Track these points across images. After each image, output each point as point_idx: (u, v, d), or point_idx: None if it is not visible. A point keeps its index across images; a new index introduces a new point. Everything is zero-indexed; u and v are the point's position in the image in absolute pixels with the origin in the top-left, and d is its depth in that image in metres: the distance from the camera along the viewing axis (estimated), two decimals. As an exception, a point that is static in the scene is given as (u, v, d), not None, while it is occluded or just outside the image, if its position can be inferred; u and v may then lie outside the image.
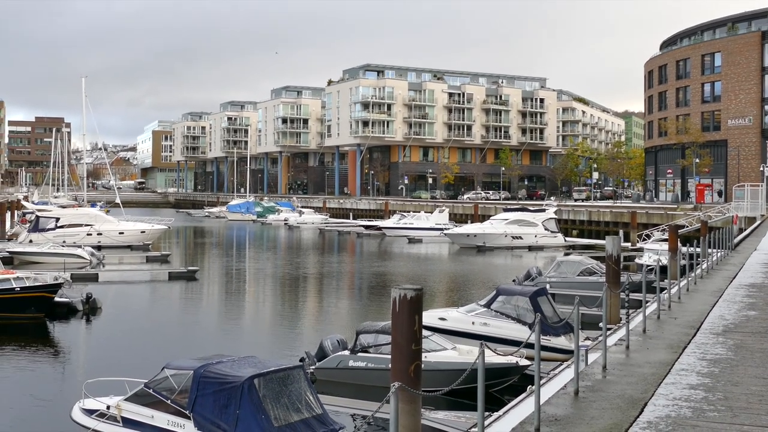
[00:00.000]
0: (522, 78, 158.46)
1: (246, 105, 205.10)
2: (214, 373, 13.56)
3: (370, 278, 48.96)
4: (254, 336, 30.71)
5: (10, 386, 22.53)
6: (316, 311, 37.77)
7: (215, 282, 47.97)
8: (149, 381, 14.70)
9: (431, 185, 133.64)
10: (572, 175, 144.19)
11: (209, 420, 13.21)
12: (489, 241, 67.83)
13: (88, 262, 50.05)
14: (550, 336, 21.84)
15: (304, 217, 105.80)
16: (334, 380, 20.37)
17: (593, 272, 34.59)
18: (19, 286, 31.41)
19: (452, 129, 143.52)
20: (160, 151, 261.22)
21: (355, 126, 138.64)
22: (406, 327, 11.26)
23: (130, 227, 66.18)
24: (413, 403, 11.18)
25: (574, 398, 12.82)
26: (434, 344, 20.24)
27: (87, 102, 78.63)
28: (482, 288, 40.77)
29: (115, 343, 28.54)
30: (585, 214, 76.35)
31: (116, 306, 36.08)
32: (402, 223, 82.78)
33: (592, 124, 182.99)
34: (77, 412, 15.63)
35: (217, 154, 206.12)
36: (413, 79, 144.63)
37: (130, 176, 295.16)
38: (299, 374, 13.96)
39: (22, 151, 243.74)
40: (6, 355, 26.49)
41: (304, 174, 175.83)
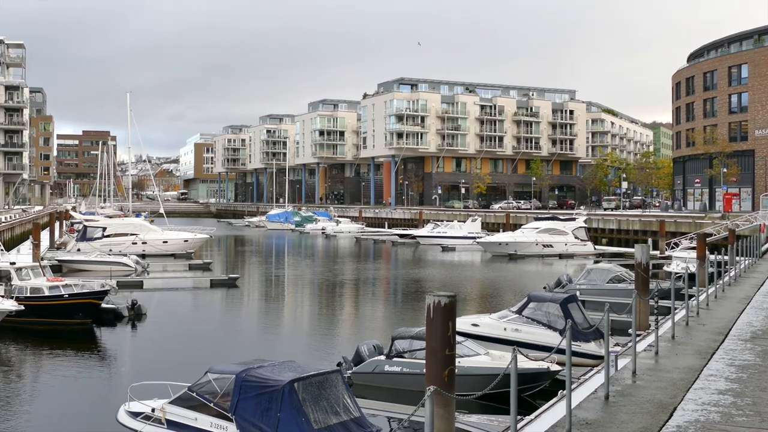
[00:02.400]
0: (552, 90, 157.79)
1: (284, 118, 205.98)
2: (256, 377, 13.64)
3: (405, 285, 48.94)
4: (293, 341, 30.81)
5: (59, 389, 22.79)
6: (353, 317, 37.81)
7: (255, 289, 48.18)
8: (192, 385, 14.80)
9: (464, 195, 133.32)
10: (602, 184, 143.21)
11: (251, 422, 13.28)
12: (520, 249, 67.56)
13: (134, 270, 50.47)
14: (581, 342, 21.71)
15: (340, 226, 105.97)
16: (371, 384, 20.39)
17: (622, 279, 34.36)
18: (67, 293, 31.80)
19: (484, 140, 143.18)
20: (201, 162, 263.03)
21: (390, 138, 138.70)
22: (440, 333, 11.29)
23: (173, 236, 66.63)
24: (447, 407, 11.20)
25: (604, 403, 12.77)
26: (467, 350, 20.21)
27: (132, 116, 79.54)
28: (514, 295, 40.63)
29: (158, 348, 28.78)
30: (614, 222, 75.77)
31: (160, 312, 36.35)
32: (435, 232, 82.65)
33: (621, 135, 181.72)
34: (123, 415, 15.76)
35: (256, 166, 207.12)
36: (446, 92, 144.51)
37: (173, 187, 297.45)
38: (337, 378, 14.01)
39: (70, 164, 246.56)
40: (55, 359, 26.83)
41: (340, 184, 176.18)
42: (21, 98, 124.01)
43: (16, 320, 29.40)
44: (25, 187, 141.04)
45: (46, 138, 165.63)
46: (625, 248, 67.34)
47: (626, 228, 73.33)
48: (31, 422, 19.05)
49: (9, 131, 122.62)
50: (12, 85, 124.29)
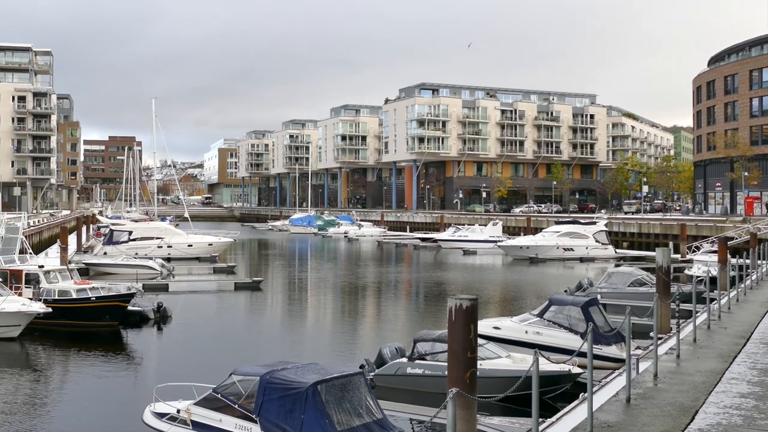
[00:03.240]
0: (572, 95, 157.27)
1: (307, 123, 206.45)
2: (280, 379, 13.67)
3: (427, 288, 48.90)
4: (316, 343, 30.85)
5: (86, 389, 22.95)
6: (375, 320, 37.82)
7: (279, 292, 48.29)
8: (217, 386, 14.86)
9: (485, 199, 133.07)
10: (622, 188, 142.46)
11: (275, 424, 13.31)
12: (541, 252, 67.36)
13: (159, 273, 50.72)
14: (602, 345, 21.61)
15: (363, 230, 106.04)
16: (393, 386, 20.38)
17: (643, 283, 34.15)
18: (94, 296, 32.02)
19: (505, 145, 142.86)
20: (225, 167, 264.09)
21: (411, 142, 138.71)
22: (462, 335, 11.27)
23: (198, 240, 66.96)
24: (469, 409, 11.18)
25: (625, 405, 12.71)
26: (489, 352, 20.18)
27: (157, 122, 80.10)
28: (535, 298, 40.50)
29: (184, 350, 28.91)
30: (635, 226, 75.39)
31: (185, 314, 36.50)
32: (457, 236, 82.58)
33: (642, 139, 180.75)
34: (149, 416, 15.85)
35: (279, 170, 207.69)
36: (467, 97, 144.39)
37: (197, 192, 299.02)
38: (360, 380, 14.02)
39: (97, 169, 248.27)
40: (82, 360, 27.02)
41: (362, 189, 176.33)
42: (49, 105, 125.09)
43: (44, 322, 29.66)
44: (52, 191, 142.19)
45: (73, 144, 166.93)
46: (646, 252, 66.98)
47: (647, 232, 72.95)
48: (58, 422, 19.18)
49: (37, 137, 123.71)
50: (40, 91, 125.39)
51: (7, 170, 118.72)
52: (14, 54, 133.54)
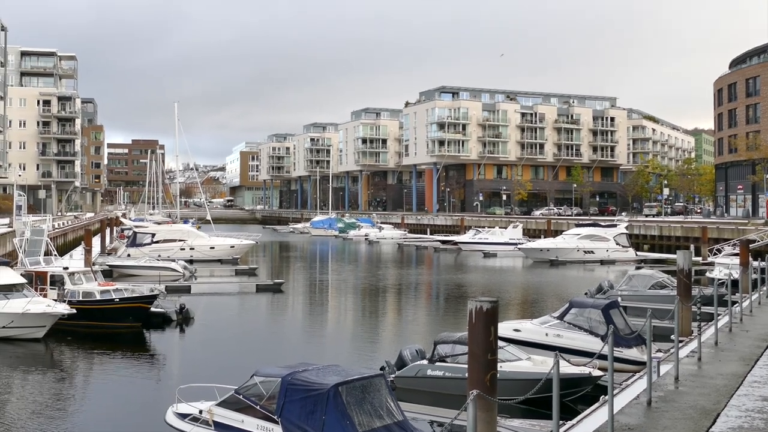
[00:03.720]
0: (592, 98, 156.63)
1: (328, 126, 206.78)
2: (301, 380, 13.69)
3: (447, 290, 48.84)
4: (337, 345, 30.88)
5: (109, 390, 23.08)
6: (396, 322, 37.81)
7: (300, 294, 48.38)
8: (239, 387, 14.89)
9: (505, 202, 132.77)
10: (643, 191, 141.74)
11: (296, 425, 13.33)
12: (561, 255, 67.11)
13: (182, 275, 50.95)
14: (622, 347, 21.47)
15: (383, 232, 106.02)
16: (413, 388, 20.37)
17: (664, 286, 33.91)
18: (118, 297, 32.21)
19: (525, 147, 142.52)
20: (247, 170, 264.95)
21: (432, 145, 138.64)
22: (482, 338, 11.24)
23: (220, 242, 67.18)
24: (490, 411, 11.14)
25: (646, 408, 12.64)
26: (509, 354, 20.11)
27: (179, 125, 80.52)
28: (555, 301, 40.34)
29: (206, 351, 29.01)
30: (656, 229, 74.97)
31: (207, 316, 36.62)
32: (477, 238, 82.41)
33: (662, 142, 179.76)
34: (171, 416, 15.90)
35: (300, 173, 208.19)
36: (487, 100, 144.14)
37: (219, 194, 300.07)
38: (381, 382, 14.02)
39: (120, 172, 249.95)
40: (106, 361, 27.18)
41: (383, 191, 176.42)
42: (73, 108, 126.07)
43: (68, 323, 29.86)
44: (77, 194, 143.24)
45: (97, 147, 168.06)
46: (667, 254, 66.58)
47: (668, 234, 72.53)
48: (82, 421, 19.30)
49: (62, 140, 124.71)
50: (64, 95, 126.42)
51: (32, 173, 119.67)
52: (39, 59, 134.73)
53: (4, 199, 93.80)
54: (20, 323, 28.83)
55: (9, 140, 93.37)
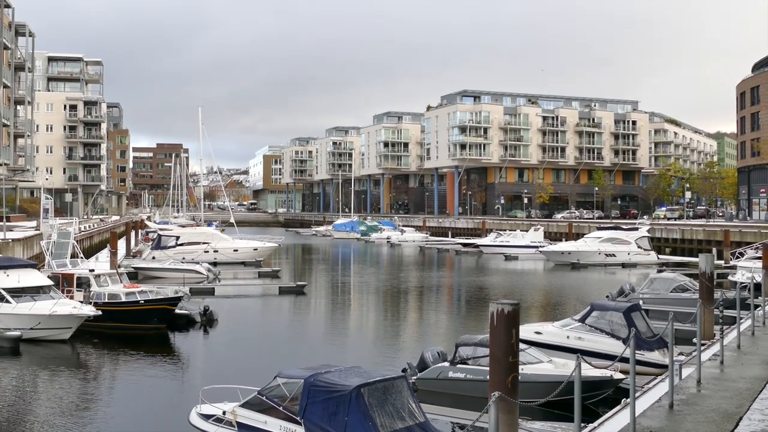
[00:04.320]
0: (614, 101, 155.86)
1: (350, 130, 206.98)
2: (324, 382, 13.71)
3: (468, 293, 48.75)
4: (359, 347, 30.90)
5: (134, 390, 23.22)
6: (417, 324, 37.79)
7: (322, 296, 48.45)
8: (262, 389, 14.93)
9: (526, 205, 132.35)
10: (665, 194, 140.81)
11: (319, 426, 13.35)
12: (583, 258, 66.79)
13: (206, 277, 51.18)
14: (644, 350, 21.33)
15: (405, 235, 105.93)
16: (435, 390, 20.35)
17: (686, 289, 33.65)
18: (143, 299, 32.42)
19: (546, 151, 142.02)
20: (270, 174, 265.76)
21: (453, 149, 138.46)
22: (504, 340, 11.23)
23: (243, 245, 67.38)
24: (511, 413, 11.12)
25: (668, 411, 12.56)
26: (530, 357, 20.04)
27: (203, 129, 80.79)
28: (576, 303, 40.17)
29: (229, 353, 29.12)
30: (678, 232, 74.46)
31: (231, 318, 36.75)
32: (498, 241, 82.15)
33: (684, 145, 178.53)
34: (195, 417, 15.96)
35: (323, 177, 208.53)
36: (508, 104, 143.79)
37: (243, 198, 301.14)
38: (402, 384, 14.01)
39: (145, 175, 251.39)
40: (131, 362, 27.34)
41: (404, 195, 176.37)
42: (99, 113, 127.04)
43: (94, 325, 30.08)
44: (102, 197, 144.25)
45: (122, 151, 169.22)
46: (689, 258, 66.10)
47: (690, 238, 72.02)
48: (107, 422, 19.42)
49: (88, 144, 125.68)
50: (90, 100, 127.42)
51: (59, 177, 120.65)
52: (66, 64, 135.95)
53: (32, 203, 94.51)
54: (47, 325, 29.07)
55: (36, 144, 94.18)
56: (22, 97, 72.77)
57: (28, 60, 70.49)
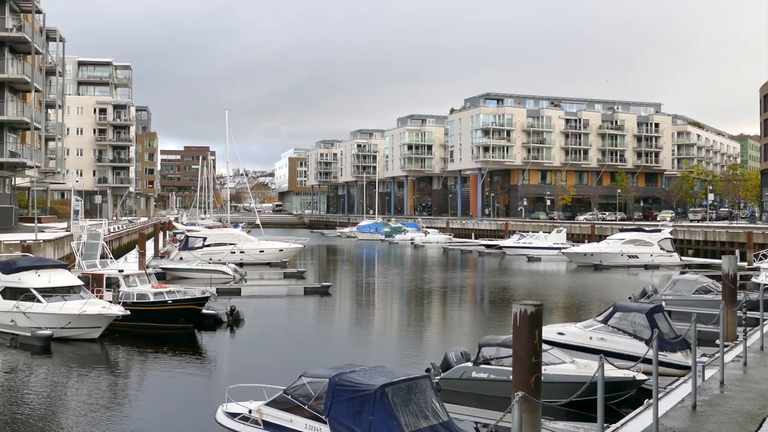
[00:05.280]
0: (637, 104, 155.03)
1: (374, 133, 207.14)
2: (349, 381, 13.72)
3: (492, 294, 48.63)
4: (383, 347, 30.90)
5: (162, 388, 23.37)
6: (441, 324, 37.74)
7: (347, 296, 48.50)
8: (288, 388, 14.95)
9: (549, 207, 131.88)
10: (687, 196, 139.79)
11: (344, 425, 13.36)
12: (605, 259, 66.43)
13: (232, 278, 51.39)
14: (667, 351, 21.18)
15: (429, 236, 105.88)
16: (458, 390, 20.32)
17: (709, 290, 33.36)
18: (171, 299, 32.61)
19: (569, 153, 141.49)
20: (295, 176, 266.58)
21: (476, 151, 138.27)
22: (527, 341, 11.20)
23: (269, 246, 67.62)
24: (534, 413, 11.09)
25: (691, 412, 12.47)
26: (553, 357, 19.95)
27: (230, 132, 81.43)
28: (599, 304, 39.95)
29: (255, 352, 29.22)
30: (701, 234, 73.88)
31: (257, 318, 36.89)
32: (521, 243, 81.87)
33: (707, 147, 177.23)
34: (221, 415, 16.02)
35: (347, 179, 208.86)
36: (531, 107, 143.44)
37: (268, 199, 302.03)
38: (426, 384, 13.99)
39: (173, 177, 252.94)
40: (159, 360, 27.50)
41: (428, 196, 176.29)
42: (128, 116, 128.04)
43: (123, 324, 30.32)
44: (131, 199, 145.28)
45: (150, 153, 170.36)
46: (711, 259, 65.58)
47: (713, 239, 71.43)
48: (136, 418, 19.55)
49: (117, 147, 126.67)
50: (120, 104, 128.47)
51: (89, 179, 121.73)
52: (96, 68, 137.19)
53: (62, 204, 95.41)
54: (77, 324, 29.32)
55: (67, 147, 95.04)
56: (53, 101, 73.43)
57: (58, 64, 71.11)
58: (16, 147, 59.13)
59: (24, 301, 30.23)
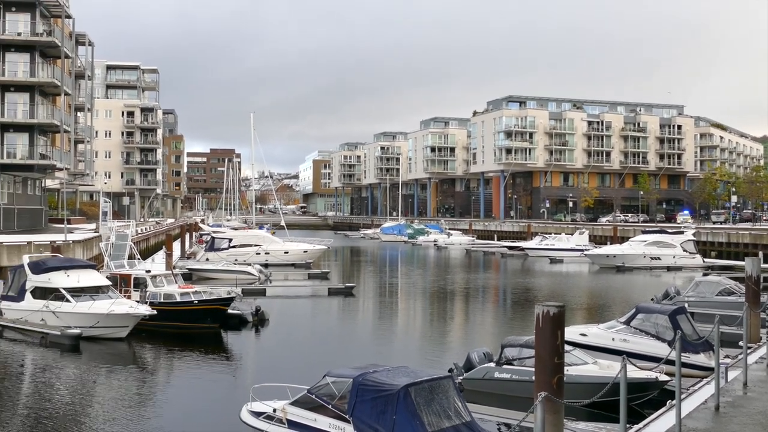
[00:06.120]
0: (659, 106, 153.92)
1: (397, 135, 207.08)
2: (372, 381, 13.72)
3: (514, 295, 48.47)
4: (406, 347, 30.87)
5: (187, 387, 23.49)
6: (463, 325, 37.67)
7: (370, 297, 48.50)
8: (312, 387, 14.97)
9: (571, 209, 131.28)
10: (710, 198, 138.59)
11: (367, 424, 13.36)
12: (628, 261, 66.03)
13: (257, 279, 51.55)
14: (690, 353, 21.02)
15: (451, 238, 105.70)
16: (481, 390, 20.26)
17: (732, 292, 33.03)
18: (197, 300, 32.79)
19: (591, 155, 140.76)
20: (319, 178, 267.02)
21: (499, 153, 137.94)
22: (549, 341, 11.15)
23: (293, 247, 67.78)
24: (557, 414, 11.03)
25: (714, 413, 12.37)
26: (575, 358, 19.85)
27: (255, 135, 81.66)
28: (621, 306, 39.72)
29: (279, 352, 29.30)
30: (724, 236, 73.25)
31: (281, 318, 36.98)
32: (544, 244, 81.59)
33: (730, 149, 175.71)
34: (246, 414, 16.07)
35: (371, 181, 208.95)
36: (553, 109, 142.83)
37: (293, 201, 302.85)
38: (449, 384, 13.97)
39: (199, 179, 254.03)
40: (185, 360, 27.65)
41: (451, 198, 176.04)
42: (155, 119, 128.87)
43: (150, 323, 30.51)
44: (158, 201, 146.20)
45: (177, 156, 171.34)
46: (735, 261, 64.99)
47: (736, 241, 70.81)
48: (162, 416, 19.66)
49: (144, 150, 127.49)
50: (147, 107, 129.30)
51: (117, 181, 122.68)
52: (124, 72, 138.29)
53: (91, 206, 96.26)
54: (105, 323, 29.55)
55: (95, 150, 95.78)
56: (82, 104, 74.07)
57: (87, 68, 71.71)
58: (46, 149, 59.69)
59: (53, 301, 30.54)
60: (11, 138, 56.96)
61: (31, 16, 56.72)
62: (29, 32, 56.41)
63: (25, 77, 56.58)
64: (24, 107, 57.11)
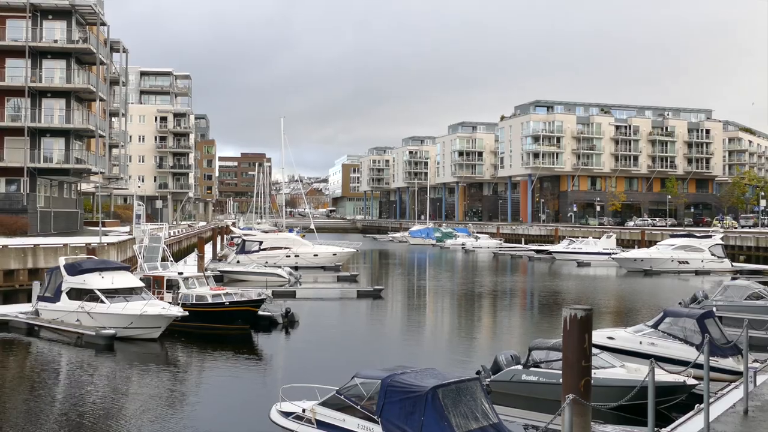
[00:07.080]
0: (687, 110, 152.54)
1: (425, 140, 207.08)
2: (400, 382, 13.71)
3: (541, 298, 48.22)
4: (434, 349, 30.82)
5: (218, 387, 23.60)
6: (491, 328, 37.53)
7: (399, 300, 48.45)
8: (341, 388, 14.99)
9: (599, 212, 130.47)
10: (739, 202, 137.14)
11: (396, 425, 13.35)
12: (655, 265, 65.47)
13: (287, 281, 51.69)
14: (718, 357, 20.78)
15: (479, 241, 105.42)
16: (508, 393, 20.18)
17: (761, 296, 32.63)
18: (228, 301, 32.97)
19: (619, 159, 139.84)
20: (348, 182, 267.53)
21: (526, 158, 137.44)
22: (577, 344, 11.07)
23: (323, 250, 67.89)
24: (584, 416, 10.95)
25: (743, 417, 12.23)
26: (603, 362, 19.72)
27: (285, 139, 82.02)
28: (649, 310, 39.38)
29: (309, 353, 29.33)
30: (752, 240, 72.43)
31: (311, 320, 37.05)
32: (571, 248, 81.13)
33: (759, 153, 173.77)
34: (275, 414, 16.12)
35: (399, 185, 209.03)
36: (581, 114, 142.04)
37: (322, 205, 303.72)
38: (476, 386, 13.93)
39: (230, 183, 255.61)
40: (216, 360, 27.81)
41: (478, 202, 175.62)
42: (187, 124, 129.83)
43: (182, 324, 30.74)
44: (190, 204, 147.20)
45: (209, 160, 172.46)
46: (763, 266, 64.23)
47: (765, 246, 69.97)
48: (194, 415, 19.78)
49: (177, 154, 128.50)
50: (180, 112, 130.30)
51: (150, 185, 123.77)
52: (157, 78, 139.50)
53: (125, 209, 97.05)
54: (138, 324, 29.80)
55: (129, 154, 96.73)
56: (117, 110, 74.86)
57: (122, 75, 72.48)
58: (81, 154, 60.37)
59: (88, 302, 30.85)
60: (48, 143, 57.71)
61: (67, 23, 57.46)
62: (65, 39, 57.14)
63: (62, 83, 57.32)
64: (60, 113, 57.84)
